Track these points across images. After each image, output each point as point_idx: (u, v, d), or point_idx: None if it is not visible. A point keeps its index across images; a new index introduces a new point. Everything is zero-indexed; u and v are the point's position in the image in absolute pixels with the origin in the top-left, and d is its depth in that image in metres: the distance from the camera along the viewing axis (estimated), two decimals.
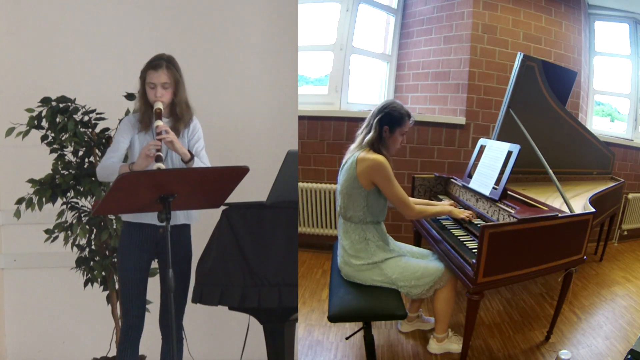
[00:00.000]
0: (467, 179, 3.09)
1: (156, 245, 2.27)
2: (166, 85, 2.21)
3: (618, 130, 4.96)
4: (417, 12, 4.53)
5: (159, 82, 2.20)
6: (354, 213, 2.42)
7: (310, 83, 4.51)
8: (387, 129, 2.40)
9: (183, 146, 2.22)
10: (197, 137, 2.32)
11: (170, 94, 2.23)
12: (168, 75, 2.21)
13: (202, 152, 2.32)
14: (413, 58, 4.56)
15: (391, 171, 2.35)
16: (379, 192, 2.40)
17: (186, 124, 2.29)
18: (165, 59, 2.23)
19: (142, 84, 2.22)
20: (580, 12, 4.40)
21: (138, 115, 2.27)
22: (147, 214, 2.19)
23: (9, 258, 3.25)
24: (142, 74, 2.23)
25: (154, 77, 2.20)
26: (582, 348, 2.73)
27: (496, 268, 2.22)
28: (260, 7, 3.24)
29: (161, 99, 2.20)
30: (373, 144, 2.40)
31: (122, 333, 2.26)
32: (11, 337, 3.28)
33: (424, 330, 2.91)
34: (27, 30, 3.19)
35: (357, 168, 2.35)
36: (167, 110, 2.25)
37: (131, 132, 2.26)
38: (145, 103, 2.24)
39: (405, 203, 2.42)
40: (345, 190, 2.41)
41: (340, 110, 4.34)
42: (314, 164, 4.26)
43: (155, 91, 2.20)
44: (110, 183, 2.19)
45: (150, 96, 2.21)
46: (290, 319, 2.25)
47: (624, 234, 4.83)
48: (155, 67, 2.20)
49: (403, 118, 2.42)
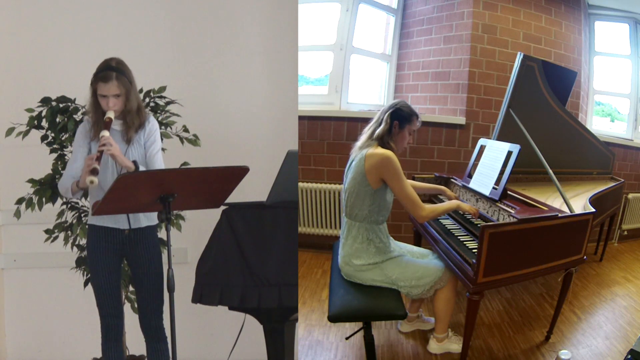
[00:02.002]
0: (467, 179, 3.09)
1: (122, 248, 2.27)
2: (117, 95, 2.18)
3: (618, 130, 4.96)
4: (417, 12, 4.53)
5: (110, 93, 2.17)
6: (359, 211, 2.41)
7: (310, 83, 4.51)
8: (397, 123, 2.42)
9: (126, 159, 2.19)
10: (152, 139, 2.28)
11: (122, 102, 2.20)
12: (118, 85, 2.17)
13: (156, 156, 2.28)
14: (413, 58, 4.56)
15: (400, 167, 2.33)
16: (385, 191, 2.40)
17: (138, 129, 2.25)
18: (115, 69, 2.17)
19: (93, 93, 2.19)
20: (580, 12, 4.41)
21: (91, 123, 2.24)
22: (110, 218, 2.21)
23: (9, 258, 3.25)
24: (92, 84, 2.19)
25: (104, 90, 2.16)
26: (582, 348, 2.73)
27: (496, 268, 2.22)
28: (260, 7, 3.24)
29: (113, 108, 2.18)
30: (383, 138, 2.39)
31: (103, 334, 2.27)
32: (11, 337, 3.28)
33: (424, 330, 2.91)
34: (27, 30, 3.19)
35: (365, 164, 2.33)
36: (120, 116, 2.23)
37: (88, 140, 2.24)
38: (97, 113, 2.21)
39: (414, 201, 2.35)
40: (353, 188, 2.40)
41: (340, 110, 4.35)
42: (314, 164, 4.27)
43: (107, 101, 2.17)
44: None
45: (103, 105, 2.19)
46: (290, 319, 2.25)
47: (624, 234, 4.83)
48: (104, 78, 2.16)
49: (412, 116, 2.46)
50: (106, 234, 2.25)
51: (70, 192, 2.22)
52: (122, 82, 2.18)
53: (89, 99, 2.23)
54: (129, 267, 2.39)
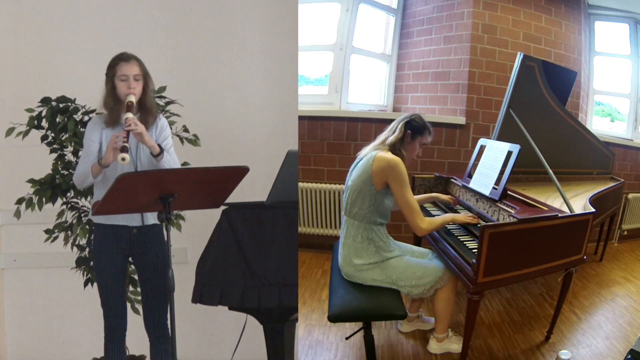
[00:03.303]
0: (467, 179, 3.09)
1: (129, 246, 2.26)
2: (137, 77, 2.20)
3: (618, 130, 4.97)
4: (417, 12, 4.53)
5: (132, 73, 2.18)
6: (360, 210, 2.42)
7: (310, 83, 4.51)
8: (410, 134, 2.48)
9: (151, 139, 2.20)
10: (165, 134, 2.30)
11: (141, 86, 2.21)
12: (139, 65, 2.21)
13: (171, 149, 2.30)
14: (413, 58, 4.56)
15: (406, 175, 2.37)
16: (387, 194, 2.41)
17: (151, 125, 2.26)
18: (133, 55, 2.22)
19: (111, 78, 2.20)
20: (580, 12, 4.41)
21: (105, 114, 2.24)
22: (119, 215, 2.20)
23: (9, 258, 3.25)
24: (110, 69, 2.20)
25: (126, 69, 2.18)
26: (582, 348, 2.73)
27: (496, 268, 2.22)
28: (260, 7, 3.24)
29: (133, 91, 2.18)
30: (395, 145, 2.45)
31: (106, 334, 2.27)
32: (11, 337, 3.28)
33: (424, 330, 2.91)
34: (27, 30, 3.19)
35: (373, 164, 2.36)
36: (136, 105, 2.22)
37: (99, 134, 2.23)
38: (114, 99, 2.21)
39: (414, 210, 2.36)
40: (356, 186, 2.42)
41: (340, 110, 4.35)
42: (314, 164, 4.26)
43: (127, 83, 2.18)
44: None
45: (122, 89, 2.18)
46: (290, 319, 2.25)
47: (624, 234, 4.83)
48: (126, 59, 2.19)
49: (425, 129, 2.52)
50: (114, 233, 2.24)
51: (90, 177, 2.17)
52: (142, 65, 2.22)
53: (104, 87, 2.22)
54: (134, 266, 2.38)
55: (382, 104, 4.68)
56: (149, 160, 2.23)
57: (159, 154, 2.20)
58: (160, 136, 2.28)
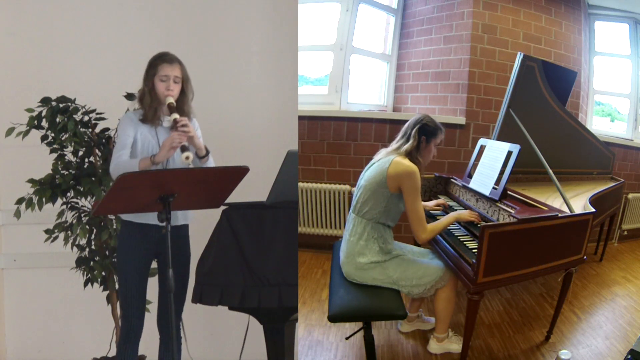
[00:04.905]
0: (467, 179, 3.09)
1: (157, 246, 2.26)
2: (177, 80, 2.21)
3: (618, 130, 4.96)
4: (417, 12, 4.53)
5: (173, 74, 2.19)
6: (370, 210, 2.44)
7: (310, 83, 4.50)
8: (424, 138, 2.49)
9: (200, 141, 2.23)
10: (198, 134, 2.31)
11: (179, 88, 2.23)
12: (181, 68, 2.22)
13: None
14: (413, 58, 4.56)
15: (420, 185, 2.39)
16: (399, 198, 2.43)
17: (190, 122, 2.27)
18: (174, 56, 2.23)
19: (151, 77, 2.20)
20: (580, 12, 4.40)
21: (140, 111, 2.24)
22: (149, 214, 2.17)
23: (9, 258, 3.25)
24: (151, 67, 2.21)
25: (168, 70, 2.19)
26: (582, 348, 2.73)
27: (496, 268, 2.22)
28: (260, 7, 3.24)
29: (172, 93, 2.19)
30: (411, 153, 2.46)
31: (122, 335, 2.25)
32: (11, 337, 3.28)
33: (424, 330, 2.91)
34: (27, 30, 3.19)
35: (389, 168, 2.38)
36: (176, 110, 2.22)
37: (134, 129, 2.22)
38: (153, 97, 2.21)
39: (420, 220, 2.40)
40: (370, 186, 2.44)
41: (340, 110, 4.34)
42: (314, 164, 4.26)
43: (167, 84, 2.19)
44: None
45: (161, 89, 2.19)
46: (290, 319, 2.25)
47: (624, 234, 4.82)
48: (169, 60, 2.20)
49: (438, 130, 2.53)
50: (142, 231, 2.22)
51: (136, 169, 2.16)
52: (184, 68, 2.23)
53: (143, 85, 2.22)
54: (157, 265, 2.35)
55: (382, 104, 4.68)
56: (182, 164, 2.19)
57: (204, 156, 2.22)
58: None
